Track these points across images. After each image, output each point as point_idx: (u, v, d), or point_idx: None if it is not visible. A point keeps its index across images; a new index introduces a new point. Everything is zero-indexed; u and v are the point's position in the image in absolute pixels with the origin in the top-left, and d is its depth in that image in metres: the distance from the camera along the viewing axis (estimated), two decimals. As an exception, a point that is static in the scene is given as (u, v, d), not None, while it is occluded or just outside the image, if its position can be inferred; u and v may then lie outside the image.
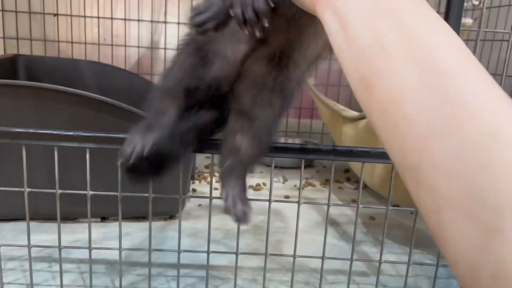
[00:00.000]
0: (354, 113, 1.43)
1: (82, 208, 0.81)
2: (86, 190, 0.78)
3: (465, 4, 0.75)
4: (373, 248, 1.11)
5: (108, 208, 1.09)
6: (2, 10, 1.77)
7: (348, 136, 1.45)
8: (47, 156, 0.75)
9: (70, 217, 1.10)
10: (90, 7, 1.81)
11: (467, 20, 0.77)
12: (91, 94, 0.98)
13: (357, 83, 0.34)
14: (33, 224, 1.04)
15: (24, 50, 1.79)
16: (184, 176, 0.80)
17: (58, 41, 1.81)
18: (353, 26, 0.34)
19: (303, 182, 1.56)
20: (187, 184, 1.11)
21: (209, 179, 1.39)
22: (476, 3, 0.75)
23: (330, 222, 1.23)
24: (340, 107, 1.49)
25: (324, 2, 0.36)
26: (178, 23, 1.82)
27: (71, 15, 1.79)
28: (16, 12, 1.77)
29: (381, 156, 0.78)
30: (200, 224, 1.14)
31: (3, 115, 0.99)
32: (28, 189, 0.77)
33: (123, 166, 0.67)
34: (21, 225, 1.05)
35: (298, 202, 0.79)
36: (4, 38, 1.79)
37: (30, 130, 0.73)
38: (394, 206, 1.38)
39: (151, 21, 1.84)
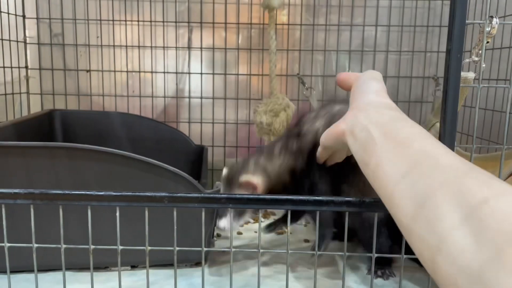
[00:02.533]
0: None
1: (113, 258, 0.87)
2: (116, 242, 0.84)
3: (466, 60, 0.80)
4: (395, 292, 1.12)
5: (138, 257, 1.15)
6: (40, 69, 1.93)
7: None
8: (80, 210, 0.83)
9: (101, 266, 1.17)
10: (120, 62, 1.94)
11: (469, 74, 0.81)
12: (121, 151, 1.06)
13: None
14: (67, 273, 1.11)
15: (59, 104, 1.92)
16: (207, 231, 0.85)
17: (91, 95, 1.94)
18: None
19: (326, 223, 1.58)
20: (211, 235, 1.16)
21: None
22: (476, 59, 0.80)
23: (352, 266, 1.25)
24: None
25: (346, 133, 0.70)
26: (201, 74, 1.93)
27: (102, 70, 1.93)
28: (52, 70, 1.92)
29: (393, 206, 0.81)
30: (224, 269, 1.18)
31: (41, 174, 1.08)
32: (64, 245, 0.84)
33: None
34: (56, 275, 1.12)
35: (316, 253, 0.83)
36: (41, 94, 1.94)
37: (66, 192, 0.81)
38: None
39: (176, 73, 1.95)
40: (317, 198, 0.80)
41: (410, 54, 1.94)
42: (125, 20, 1.90)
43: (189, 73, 1.94)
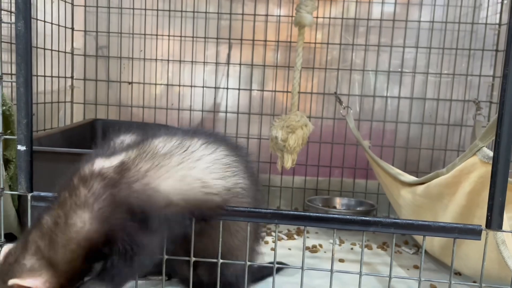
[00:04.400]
0: (411, 178, 1.44)
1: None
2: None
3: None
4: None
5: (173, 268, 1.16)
6: (84, 79, 2.00)
7: (405, 200, 1.46)
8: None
9: (140, 275, 1.18)
10: (160, 76, 1.99)
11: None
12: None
13: None
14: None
15: (100, 114, 1.98)
16: (251, 244, 0.86)
17: (131, 106, 1.99)
18: None
19: (360, 243, 1.56)
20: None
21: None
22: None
23: (389, 289, 1.23)
24: (396, 171, 1.51)
25: None
26: (239, 89, 1.96)
27: (143, 83, 1.98)
28: (96, 80, 1.99)
29: (443, 230, 0.80)
30: (264, 285, 1.18)
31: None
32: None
33: None
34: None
35: (360, 274, 0.82)
36: (84, 103, 2.00)
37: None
38: (455, 273, 1.35)
39: (215, 87, 1.98)
40: (364, 218, 0.80)
41: (451, 77, 1.91)
42: (168, 35, 1.96)
43: (227, 88, 1.97)
